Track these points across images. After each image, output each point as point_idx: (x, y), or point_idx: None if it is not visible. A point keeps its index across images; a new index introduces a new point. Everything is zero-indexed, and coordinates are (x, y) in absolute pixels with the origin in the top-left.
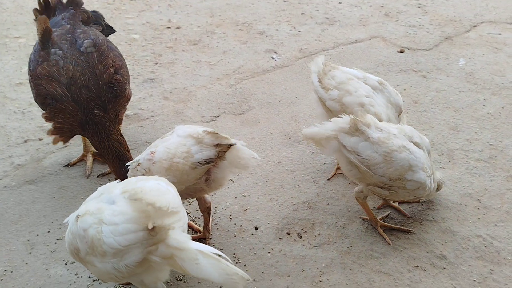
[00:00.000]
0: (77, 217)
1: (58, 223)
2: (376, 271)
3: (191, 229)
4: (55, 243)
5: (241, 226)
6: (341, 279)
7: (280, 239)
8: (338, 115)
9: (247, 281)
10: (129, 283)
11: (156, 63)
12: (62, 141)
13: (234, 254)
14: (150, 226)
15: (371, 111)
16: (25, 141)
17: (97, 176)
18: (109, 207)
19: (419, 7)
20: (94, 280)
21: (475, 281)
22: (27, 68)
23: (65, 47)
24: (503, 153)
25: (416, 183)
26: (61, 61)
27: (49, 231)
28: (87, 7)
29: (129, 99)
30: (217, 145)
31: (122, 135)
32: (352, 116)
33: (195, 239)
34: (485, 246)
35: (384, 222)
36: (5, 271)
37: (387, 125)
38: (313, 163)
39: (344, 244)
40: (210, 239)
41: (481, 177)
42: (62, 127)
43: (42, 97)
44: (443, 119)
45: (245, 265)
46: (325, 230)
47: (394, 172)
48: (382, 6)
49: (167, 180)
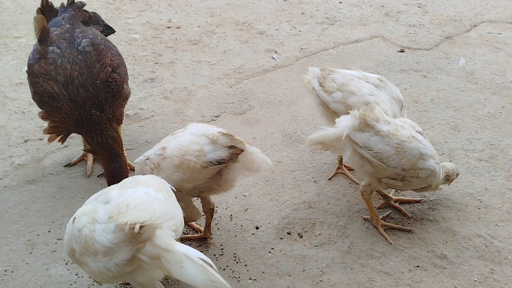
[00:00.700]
0: (73, 218)
1: (59, 223)
2: (377, 270)
3: (191, 228)
4: (55, 243)
5: (241, 225)
6: (341, 278)
7: (281, 238)
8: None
9: None
10: (128, 283)
11: (156, 63)
12: (59, 140)
13: (235, 253)
14: (137, 229)
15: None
16: (26, 141)
17: (98, 176)
18: (103, 207)
19: (419, 6)
20: (94, 280)
21: (476, 280)
22: (27, 68)
23: (63, 46)
24: (503, 152)
25: (427, 171)
26: (58, 59)
27: (49, 231)
28: (87, 7)
29: (127, 98)
30: (230, 147)
31: (118, 133)
32: (361, 111)
33: (196, 238)
34: (485, 246)
35: (385, 221)
36: (5, 271)
37: (391, 118)
38: (313, 163)
39: (344, 243)
40: (211, 239)
41: (482, 176)
42: (58, 126)
43: (39, 95)
44: (443, 118)
45: (245, 265)
46: (325, 229)
47: (407, 163)
48: (382, 6)
49: (175, 177)
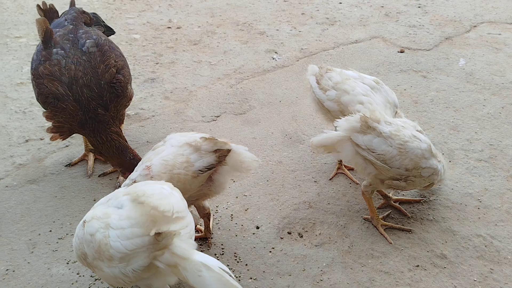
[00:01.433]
0: (83, 222)
1: (60, 222)
2: (377, 270)
3: None
4: (56, 242)
5: (242, 225)
6: (342, 278)
7: (281, 238)
8: (336, 116)
9: None
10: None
11: (157, 63)
12: (61, 139)
13: (235, 253)
14: (152, 233)
15: (369, 110)
16: (27, 140)
17: (99, 176)
18: (116, 212)
19: (419, 7)
20: (96, 279)
21: (475, 280)
22: (28, 68)
23: (67, 47)
24: (503, 153)
25: (430, 169)
26: (63, 60)
27: (50, 231)
28: (87, 7)
29: (130, 99)
30: (216, 151)
31: (120, 129)
32: (362, 114)
33: (196, 238)
34: (485, 246)
35: (385, 221)
36: (7, 270)
37: (391, 118)
38: (313, 163)
39: (345, 243)
40: (212, 238)
41: (481, 177)
42: (62, 126)
43: (44, 96)
44: (443, 119)
45: (246, 265)
46: (326, 229)
47: (410, 162)
48: (382, 6)
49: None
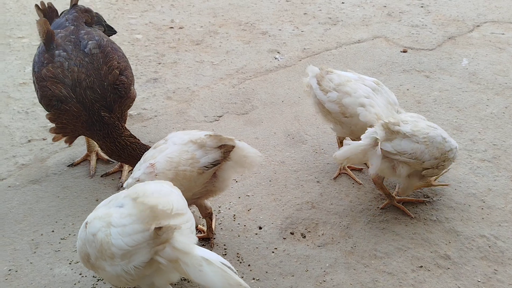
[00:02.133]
0: (85, 223)
1: (62, 222)
2: (380, 271)
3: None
4: (59, 242)
5: (245, 225)
6: (345, 279)
7: (284, 238)
8: (337, 117)
9: None
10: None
11: (159, 63)
12: (65, 141)
13: (238, 253)
14: (152, 228)
15: (371, 112)
16: (29, 140)
17: (101, 176)
18: (118, 210)
19: (422, 7)
20: (98, 280)
21: (479, 281)
22: (30, 69)
23: (69, 49)
24: (506, 153)
25: (453, 149)
26: (65, 62)
27: (53, 231)
28: (89, 8)
29: (133, 100)
30: (221, 146)
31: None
32: (383, 121)
33: (199, 239)
34: (489, 246)
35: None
36: (9, 270)
37: (402, 115)
38: (316, 163)
39: (348, 244)
40: (214, 239)
41: (485, 177)
42: (65, 127)
43: (47, 99)
44: (446, 119)
45: (249, 265)
46: (328, 230)
47: (437, 151)
48: (385, 6)
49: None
